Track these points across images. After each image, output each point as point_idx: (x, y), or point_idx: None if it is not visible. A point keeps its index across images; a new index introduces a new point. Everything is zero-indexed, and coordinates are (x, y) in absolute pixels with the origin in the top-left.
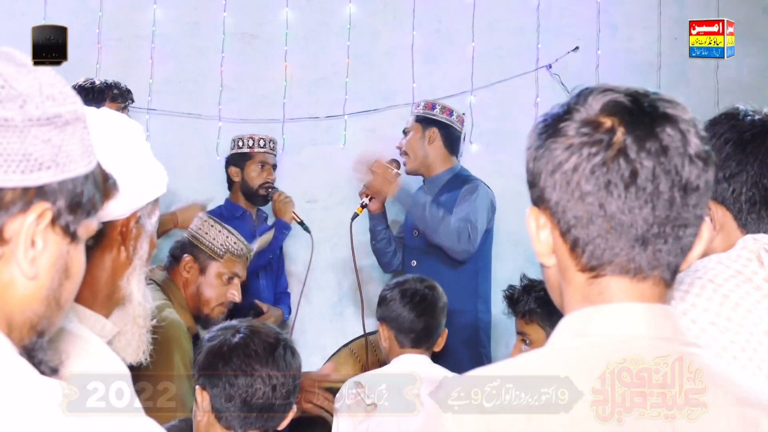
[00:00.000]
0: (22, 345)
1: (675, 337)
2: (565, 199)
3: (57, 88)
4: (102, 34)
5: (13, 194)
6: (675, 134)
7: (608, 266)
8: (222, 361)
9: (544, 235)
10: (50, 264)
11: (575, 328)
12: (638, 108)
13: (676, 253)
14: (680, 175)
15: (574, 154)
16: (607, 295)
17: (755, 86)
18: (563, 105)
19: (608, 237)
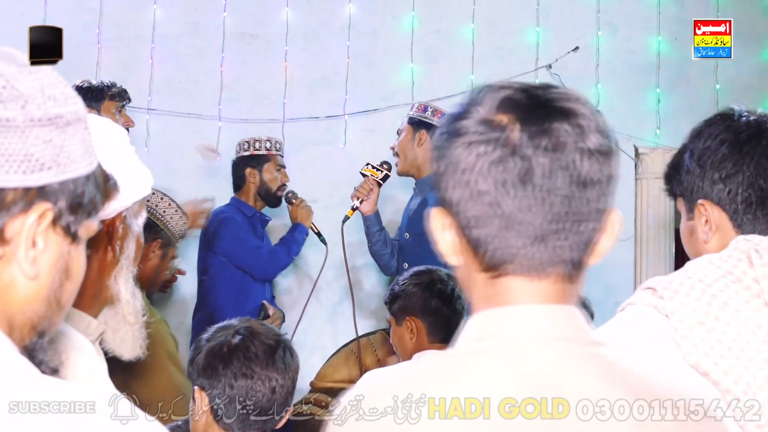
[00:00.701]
0: (23, 345)
1: (577, 337)
2: (464, 198)
3: (58, 88)
4: (102, 34)
5: (14, 194)
6: (571, 129)
7: (508, 265)
8: (222, 362)
9: (448, 236)
10: (51, 264)
11: (478, 331)
12: (533, 104)
13: (576, 249)
14: (577, 171)
15: (471, 153)
16: (508, 296)
17: (755, 86)
18: (462, 104)
19: (506, 236)
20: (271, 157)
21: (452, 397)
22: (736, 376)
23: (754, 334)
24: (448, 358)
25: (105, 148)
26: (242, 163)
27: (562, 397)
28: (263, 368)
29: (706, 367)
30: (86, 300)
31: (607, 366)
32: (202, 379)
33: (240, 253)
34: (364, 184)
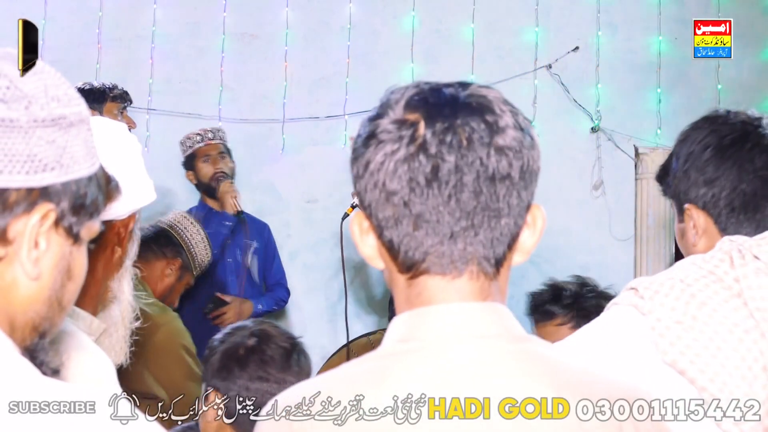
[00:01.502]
0: (24, 346)
1: (499, 333)
2: (375, 200)
3: (62, 89)
4: (102, 34)
5: (17, 195)
6: (478, 125)
7: (422, 264)
8: (238, 365)
9: (370, 239)
10: (53, 265)
11: (399, 334)
12: (441, 101)
13: (491, 245)
14: (485, 166)
15: (379, 153)
16: (426, 296)
17: (755, 86)
18: (378, 105)
19: (417, 235)
20: (196, 152)
21: (375, 399)
22: (711, 375)
23: (731, 333)
24: (371, 362)
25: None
26: (184, 168)
27: (484, 395)
28: (279, 371)
29: (683, 365)
30: (88, 299)
31: (531, 362)
32: (216, 380)
33: None
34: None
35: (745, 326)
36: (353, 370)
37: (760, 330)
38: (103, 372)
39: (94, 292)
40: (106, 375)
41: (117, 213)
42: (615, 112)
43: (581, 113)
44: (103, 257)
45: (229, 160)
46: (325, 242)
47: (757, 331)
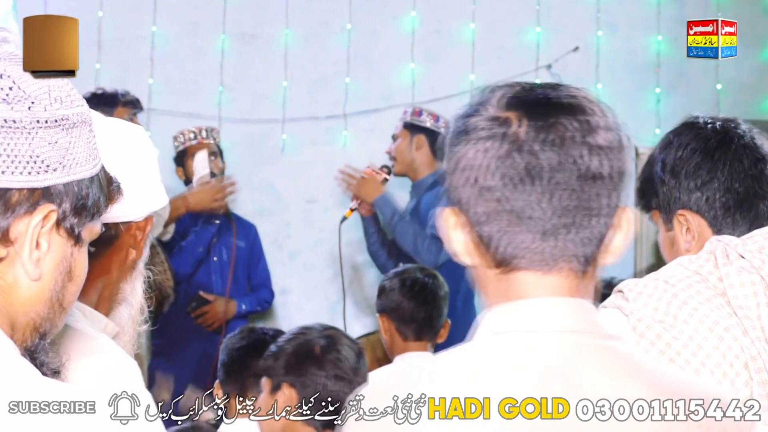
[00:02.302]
0: (25, 346)
1: (589, 330)
2: (472, 195)
3: (65, 90)
4: (102, 34)
5: (19, 195)
6: (576, 124)
7: (517, 260)
8: (316, 364)
9: (458, 235)
10: (54, 266)
11: (491, 326)
12: (538, 100)
13: (584, 243)
14: (585, 165)
15: (477, 150)
16: (519, 291)
17: (755, 86)
18: (471, 103)
19: (513, 231)
20: (188, 149)
21: (467, 394)
22: (692, 371)
23: (711, 331)
24: (462, 353)
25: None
26: (175, 164)
27: (574, 391)
28: (352, 372)
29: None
30: (102, 301)
31: (620, 359)
32: (292, 376)
33: None
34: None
35: (726, 324)
36: (439, 362)
37: (742, 327)
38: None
39: (108, 294)
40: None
41: (134, 215)
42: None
43: None
44: (118, 259)
45: (219, 160)
46: (325, 242)
47: (738, 328)
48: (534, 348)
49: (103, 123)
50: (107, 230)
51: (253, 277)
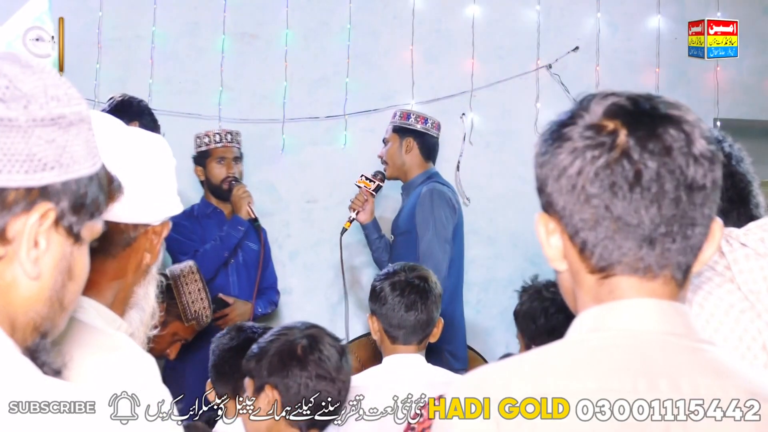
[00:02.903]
0: (25, 346)
1: (686, 333)
2: (572, 202)
3: (62, 89)
4: (102, 34)
5: (16, 194)
6: (678, 134)
7: (617, 266)
8: (299, 365)
9: (554, 240)
10: (53, 264)
11: (588, 325)
12: (640, 110)
13: (685, 252)
14: (685, 175)
15: (578, 158)
16: (617, 293)
17: (755, 86)
18: (568, 111)
19: (616, 238)
20: (211, 151)
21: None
22: None
23: (727, 314)
24: (556, 350)
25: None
26: (193, 162)
27: (675, 390)
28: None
29: None
30: (117, 302)
31: (714, 363)
32: (275, 378)
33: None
34: (359, 195)
35: (741, 307)
36: (540, 355)
37: (755, 311)
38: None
39: (123, 296)
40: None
41: (152, 218)
42: None
43: None
44: (134, 262)
45: (240, 164)
46: (325, 242)
47: (753, 311)
48: (627, 345)
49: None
50: (125, 233)
51: (263, 279)
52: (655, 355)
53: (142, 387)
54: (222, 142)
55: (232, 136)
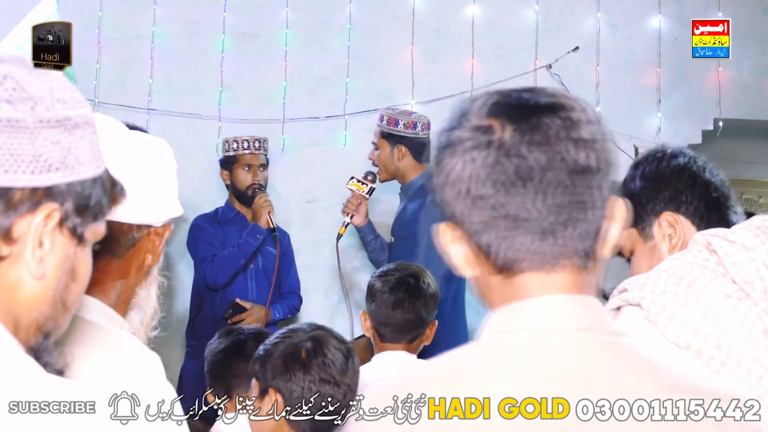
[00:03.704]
0: (29, 346)
1: (597, 327)
2: (466, 207)
3: (68, 92)
4: (102, 34)
5: (21, 194)
6: (559, 122)
7: (518, 263)
8: (302, 368)
9: (458, 248)
10: (57, 265)
11: (498, 326)
12: (519, 105)
13: (583, 238)
14: (568, 160)
15: (465, 161)
16: (523, 291)
17: (755, 86)
18: (453, 117)
19: (511, 235)
20: (239, 157)
21: (470, 393)
22: (716, 342)
23: (725, 303)
24: (468, 353)
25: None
26: (220, 165)
27: (579, 389)
28: (339, 374)
29: (686, 337)
30: (120, 303)
31: (626, 355)
32: (278, 381)
33: (194, 261)
34: (351, 199)
35: (738, 296)
36: (450, 361)
37: (751, 299)
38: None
39: (126, 297)
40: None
41: (154, 219)
42: (615, 112)
43: None
44: (137, 262)
45: (266, 171)
46: (325, 242)
47: (749, 299)
48: (540, 346)
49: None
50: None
51: (284, 284)
52: (567, 354)
53: (147, 385)
54: (250, 149)
55: (260, 143)
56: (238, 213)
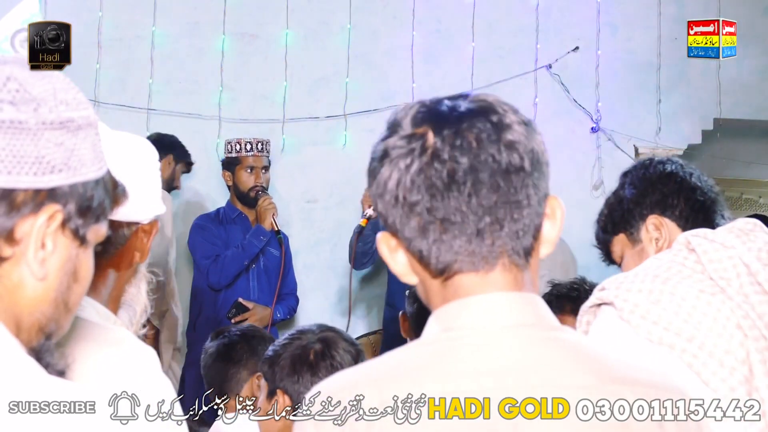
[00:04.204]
0: (30, 347)
1: (536, 322)
2: (399, 215)
3: (70, 93)
4: (102, 34)
5: (24, 195)
6: (484, 125)
7: (454, 265)
8: (310, 371)
9: (399, 257)
10: (59, 266)
11: (441, 324)
12: (444, 111)
13: (518, 236)
14: (498, 161)
15: (394, 169)
16: (462, 292)
17: (755, 86)
18: (386, 127)
19: (445, 239)
20: (242, 158)
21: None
22: (688, 336)
23: (698, 298)
24: (414, 350)
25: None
26: (222, 166)
27: (529, 384)
28: None
29: (659, 333)
30: (111, 300)
31: (567, 350)
32: (286, 383)
33: (194, 261)
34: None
35: (711, 291)
36: (388, 361)
37: (726, 294)
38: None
39: (116, 294)
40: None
41: (142, 216)
42: (615, 112)
43: (581, 113)
44: (126, 259)
45: (268, 173)
46: (325, 242)
47: (723, 294)
48: (482, 345)
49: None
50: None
51: (284, 285)
52: (506, 350)
53: (146, 380)
54: (253, 151)
55: (263, 146)
56: (240, 213)
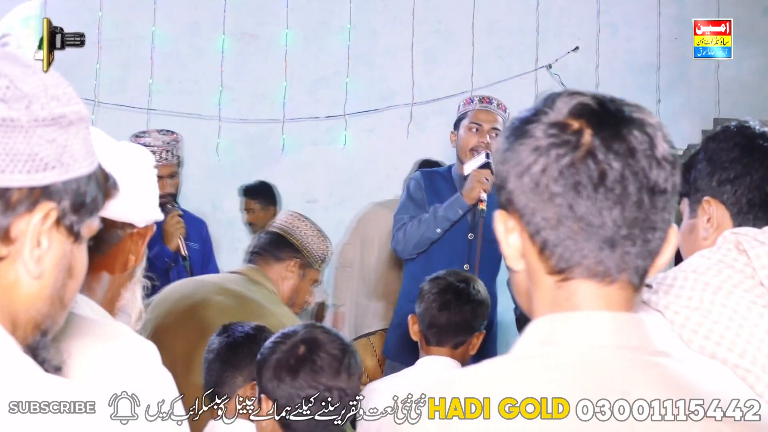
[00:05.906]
0: (26, 344)
1: (642, 345)
2: (534, 201)
3: (61, 89)
4: (102, 34)
5: (19, 194)
6: (642, 137)
7: (577, 268)
8: (290, 375)
9: (513, 239)
10: (54, 263)
11: (541, 336)
12: (605, 111)
13: (644, 256)
14: (648, 177)
15: (542, 155)
16: (574, 301)
17: (755, 86)
18: (531, 108)
19: (577, 238)
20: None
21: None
22: (740, 351)
23: (750, 310)
24: (508, 363)
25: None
26: None
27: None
28: (330, 380)
29: (711, 348)
30: (106, 303)
31: (671, 377)
32: (269, 386)
33: None
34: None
35: (764, 302)
36: (485, 371)
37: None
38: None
39: (111, 297)
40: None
41: (138, 218)
42: None
43: None
44: (120, 261)
45: (178, 178)
46: None
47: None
48: (583, 363)
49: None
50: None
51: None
52: (607, 373)
53: (145, 375)
54: (159, 162)
55: (169, 150)
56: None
